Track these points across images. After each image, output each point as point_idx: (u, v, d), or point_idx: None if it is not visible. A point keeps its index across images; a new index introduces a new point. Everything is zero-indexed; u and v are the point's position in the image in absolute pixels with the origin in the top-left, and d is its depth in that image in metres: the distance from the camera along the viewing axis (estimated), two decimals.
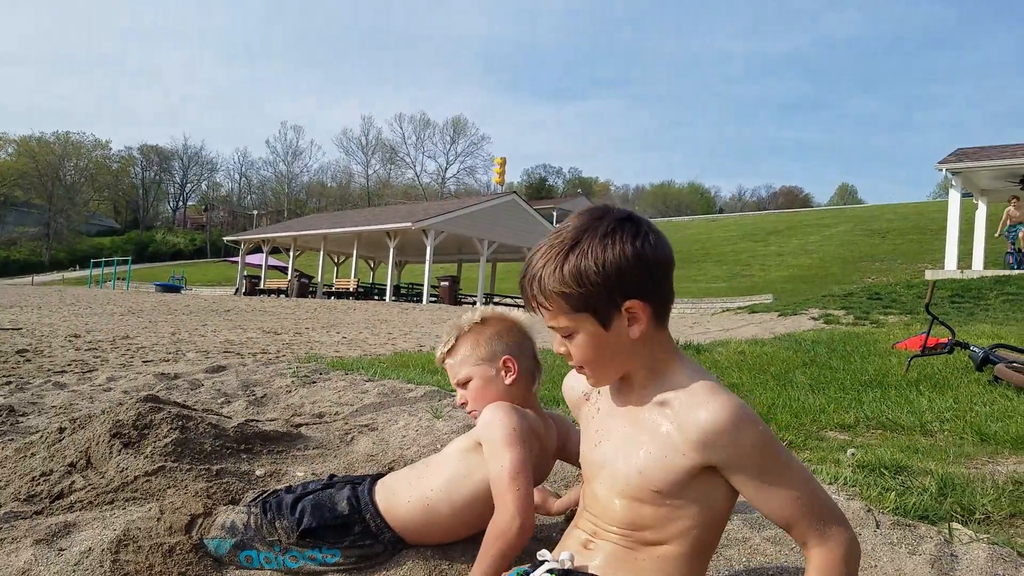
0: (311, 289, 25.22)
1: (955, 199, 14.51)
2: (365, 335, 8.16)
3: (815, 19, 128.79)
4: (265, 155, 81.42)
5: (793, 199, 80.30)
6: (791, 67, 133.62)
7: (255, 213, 64.03)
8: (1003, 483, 1.97)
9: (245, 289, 27.42)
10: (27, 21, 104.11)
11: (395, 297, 23.74)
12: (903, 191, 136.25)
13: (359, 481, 1.46)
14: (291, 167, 72.42)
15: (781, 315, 11.25)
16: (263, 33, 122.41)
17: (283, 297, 23.31)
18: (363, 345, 6.76)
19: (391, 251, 22.92)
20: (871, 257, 28.74)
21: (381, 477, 1.48)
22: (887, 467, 2.10)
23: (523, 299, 1.02)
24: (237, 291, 27.98)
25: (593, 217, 0.98)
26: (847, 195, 79.84)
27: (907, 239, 31.36)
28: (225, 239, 36.06)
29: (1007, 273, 12.50)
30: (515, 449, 1.28)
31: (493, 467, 1.28)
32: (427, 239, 21.47)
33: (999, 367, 3.67)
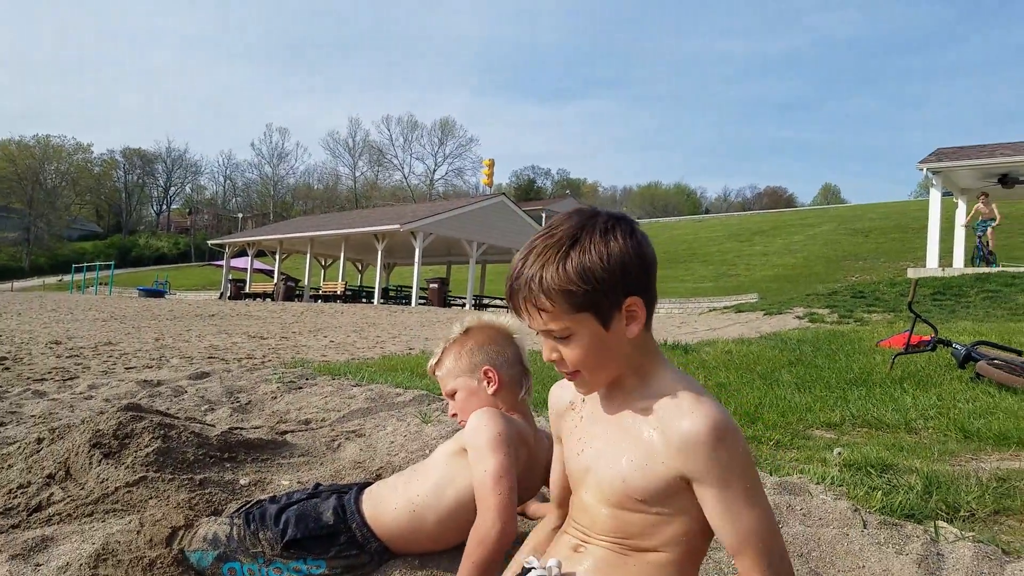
0: (298, 292, 25.04)
1: (936, 198, 14.76)
2: (353, 339, 8.11)
3: (798, 20, 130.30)
4: (250, 157, 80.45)
5: (777, 199, 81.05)
6: (789, 67, 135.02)
7: (240, 216, 63.49)
8: (987, 480, 2.00)
9: (230, 293, 27.18)
10: (1, 22, 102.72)
11: (383, 300, 23.61)
12: (885, 190, 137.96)
13: (345, 490, 1.45)
14: (277, 169, 72.02)
15: (767, 314, 11.36)
16: (248, 34, 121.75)
17: (269, 301, 23.09)
18: (351, 349, 6.71)
19: (379, 253, 22.82)
20: (854, 256, 29.08)
21: (368, 486, 1.46)
22: (873, 466, 2.11)
23: (511, 304, 1.00)
24: (222, 295, 27.70)
25: (587, 215, 0.98)
26: (830, 195, 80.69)
27: (889, 238, 31.77)
28: (210, 243, 35.72)
29: (987, 271, 12.72)
30: (499, 454, 1.27)
31: (477, 471, 1.27)
32: (416, 241, 21.40)
33: (981, 364, 3.72)
